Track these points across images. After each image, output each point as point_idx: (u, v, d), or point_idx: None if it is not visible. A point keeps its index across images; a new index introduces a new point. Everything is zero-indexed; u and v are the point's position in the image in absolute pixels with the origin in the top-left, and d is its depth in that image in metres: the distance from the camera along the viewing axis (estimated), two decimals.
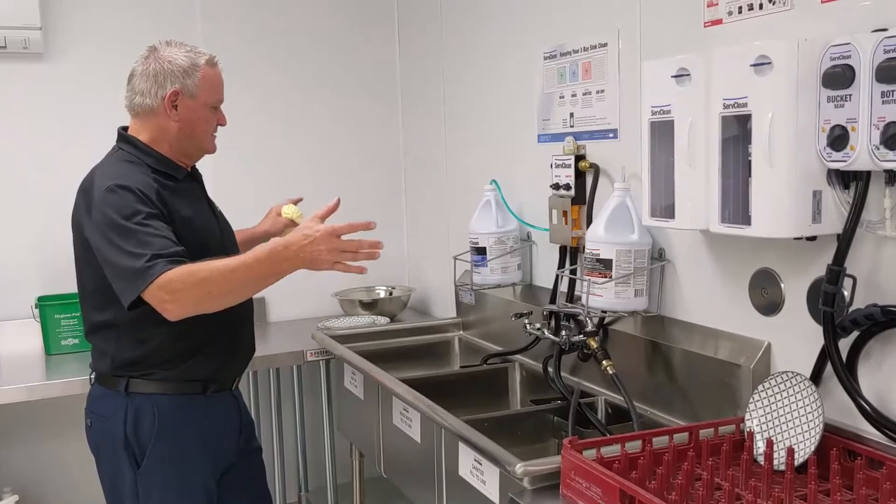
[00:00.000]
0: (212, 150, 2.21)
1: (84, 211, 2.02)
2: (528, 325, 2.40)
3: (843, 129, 1.46)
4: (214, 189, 2.32)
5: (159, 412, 2.06)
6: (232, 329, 2.17)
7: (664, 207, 1.84)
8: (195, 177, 2.24)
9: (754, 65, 1.55)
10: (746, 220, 1.61)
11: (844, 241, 1.53)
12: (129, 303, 1.90)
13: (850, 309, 1.56)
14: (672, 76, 1.77)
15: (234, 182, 3.24)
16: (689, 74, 1.74)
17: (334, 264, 1.94)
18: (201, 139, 2.16)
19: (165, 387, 2.07)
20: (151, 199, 1.98)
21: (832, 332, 1.57)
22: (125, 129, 2.16)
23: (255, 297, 2.25)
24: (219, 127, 2.21)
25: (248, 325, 2.27)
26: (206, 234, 2.13)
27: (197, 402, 2.11)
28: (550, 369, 2.30)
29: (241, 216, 2.39)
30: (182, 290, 1.87)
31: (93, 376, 2.16)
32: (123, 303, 1.92)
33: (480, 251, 2.60)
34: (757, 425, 1.65)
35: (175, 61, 2.08)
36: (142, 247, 1.89)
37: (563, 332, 2.25)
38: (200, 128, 2.14)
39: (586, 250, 2.09)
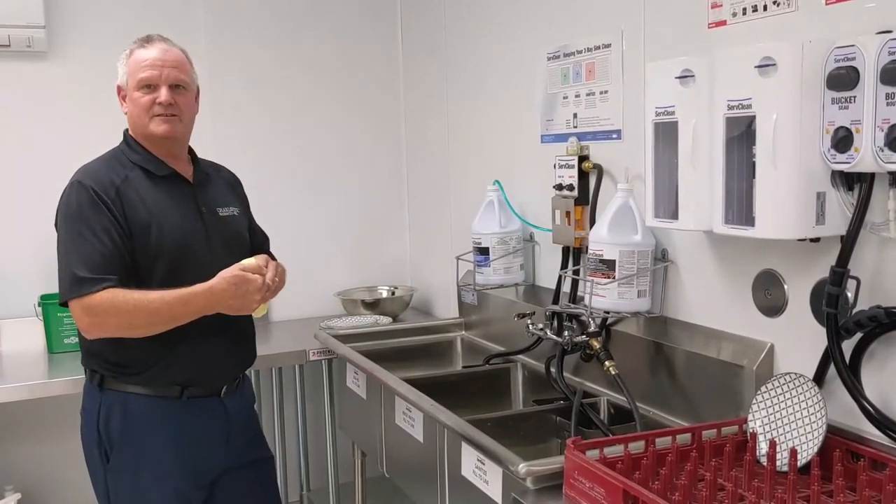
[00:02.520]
0: (156, 132, 2.10)
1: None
2: (530, 326, 2.40)
3: (848, 130, 1.46)
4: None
5: (128, 412, 2.07)
6: (213, 335, 2.12)
7: (668, 208, 1.84)
8: (187, 177, 2.20)
9: (758, 66, 1.55)
10: (750, 222, 1.61)
11: (848, 243, 1.54)
12: (60, 303, 2.04)
13: (854, 310, 1.56)
14: (676, 77, 1.77)
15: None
16: (693, 75, 1.74)
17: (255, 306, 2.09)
18: (140, 125, 2.12)
19: (138, 387, 2.07)
20: (107, 200, 2.02)
21: (835, 333, 1.57)
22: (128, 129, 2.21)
23: None
24: (166, 107, 2.09)
25: (235, 332, 2.20)
26: (184, 236, 2.10)
27: (171, 405, 2.10)
28: (553, 370, 2.30)
29: None
30: (104, 315, 1.98)
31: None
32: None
33: (483, 251, 2.60)
34: (760, 426, 1.66)
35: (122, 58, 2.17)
36: (81, 258, 1.99)
37: (566, 333, 2.25)
38: (134, 113, 2.12)
39: (589, 251, 2.09)
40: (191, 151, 2.27)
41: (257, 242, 2.43)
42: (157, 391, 2.08)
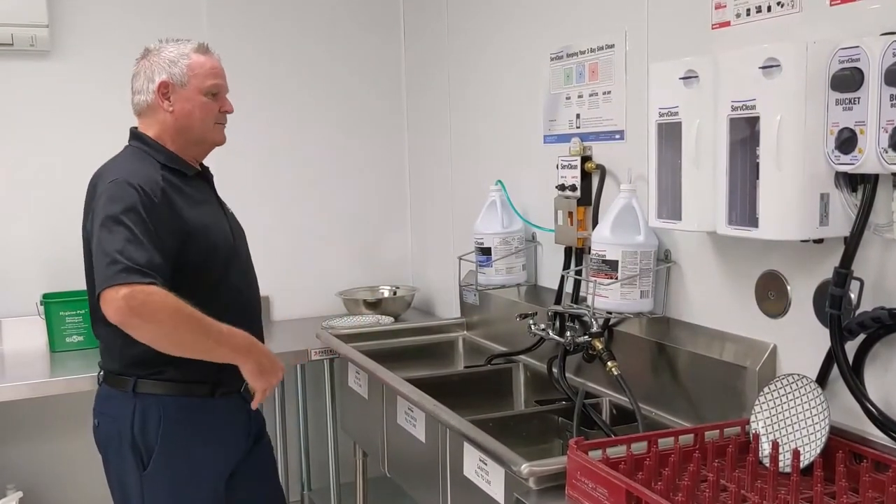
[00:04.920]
0: (218, 139, 2.19)
1: (89, 201, 2.05)
2: (532, 326, 2.40)
3: (852, 131, 1.46)
4: (218, 189, 2.31)
5: (165, 414, 2.05)
6: (245, 329, 2.13)
7: (671, 209, 1.84)
8: (205, 176, 2.23)
9: (762, 67, 1.55)
10: (753, 223, 1.61)
11: (852, 244, 1.53)
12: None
13: (857, 312, 1.56)
14: (680, 78, 1.77)
15: (238, 182, 3.25)
16: (696, 76, 1.74)
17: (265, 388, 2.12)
18: (201, 129, 2.12)
19: (173, 388, 2.06)
20: (154, 199, 1.96)
21: (839, 334, 1.57)
22: (136, 128, 2.17)
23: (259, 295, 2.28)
24: (227, 116, 2.19)
25: (257, 328, 2.23)
26: (216, 234, 2.11)
27: (205, 404, 2.10)
28: (555, 370, 2.30)
29: (245, 217, 2.39)
30: (153, 308, 1.86)
31: (101, 375, 2.15)
32: (95, 289, 1.90)
33: (485, 251, 2.60)
34: (762, 427, 1.66)
35: (162, 54, 2.12)
36: (135, 251, 1.87)
37: (568, 333, 2.25)
38: (197, 116, 2.11)
39: (592, 251, 2.09)
40: None
41: None
42: (191, 391, 2.08)
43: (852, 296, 1.56)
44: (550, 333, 2.33)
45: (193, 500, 2.10)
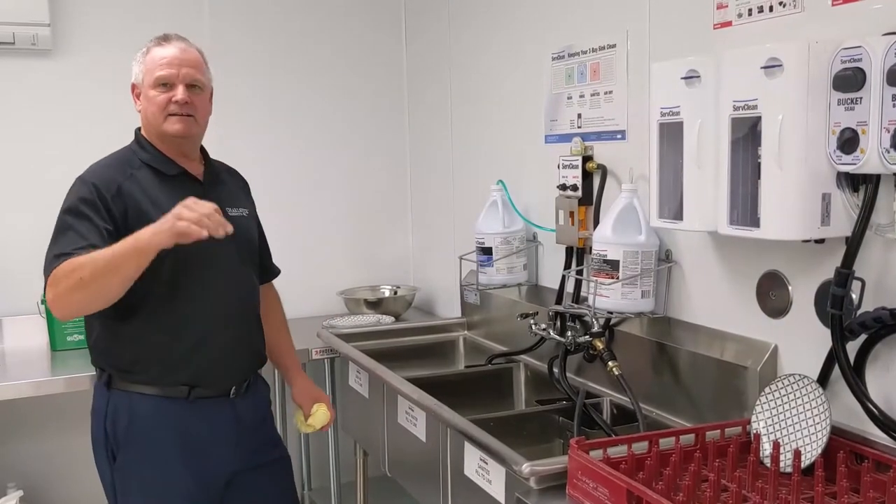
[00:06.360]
0: (171, 131, 2.07)
1: None
2: (533, 326, 2.40)
3: (854, 132, 1.46)
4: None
5: (135, 412, 2.06)
6: (220, 335, 2.12)
7: (672, 209, 1.84)
8: (198, 175, 2.18)
9: (764, 67, 1.55)
10: (755, 223, 1.61)
11: (853, 244, 1.53)
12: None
13: (858, 312, 1.56)
14: (681, 78, 1.77)
15: None
16: (698, 76, 1.74)
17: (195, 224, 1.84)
18: (155, 124, 2.09)
19: (145, 387, 2.06)
20: (106, 198, 2.00)
21: (840, 334, 1.56)
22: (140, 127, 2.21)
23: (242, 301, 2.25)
24: (189, 106, 2.07)
25: (242, 332, 2.20)
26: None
27: (178, 406, 2.08)
28: (556, 370, 2.30)
29: None
30: (59, 280, 1.90)
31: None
32: None
33: (486, 251, 2.60)
34: (763, 427, 1.65)
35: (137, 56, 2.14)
36: (59, 240, 1.96)
37: (569, 333, 2.25)
38: (150, 112, 2.09)
39: (593, 251, 2.09)
40: (203, 151, 2.26)
41: (262, 253, 2.43)
42: (164, 392, 2.07)
43: (853, 296, 1.56)
44: (551, 333, 2.33)
45: (163, 500, 2.09)
